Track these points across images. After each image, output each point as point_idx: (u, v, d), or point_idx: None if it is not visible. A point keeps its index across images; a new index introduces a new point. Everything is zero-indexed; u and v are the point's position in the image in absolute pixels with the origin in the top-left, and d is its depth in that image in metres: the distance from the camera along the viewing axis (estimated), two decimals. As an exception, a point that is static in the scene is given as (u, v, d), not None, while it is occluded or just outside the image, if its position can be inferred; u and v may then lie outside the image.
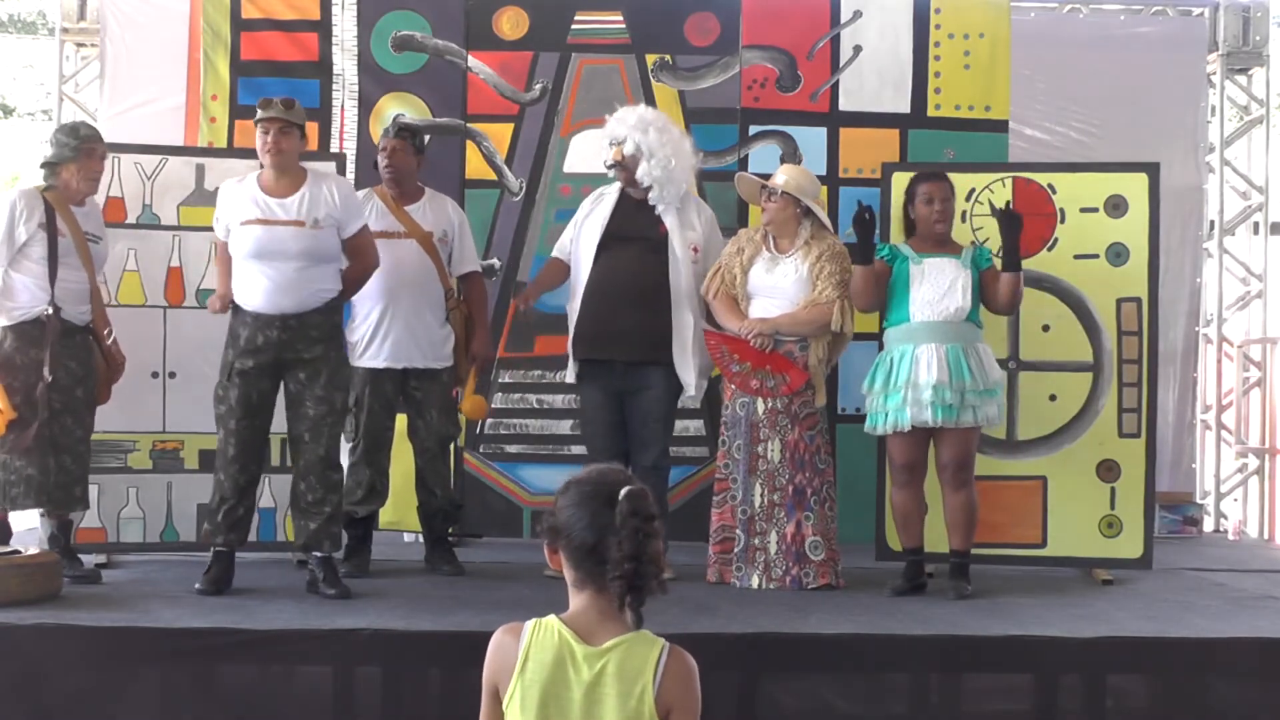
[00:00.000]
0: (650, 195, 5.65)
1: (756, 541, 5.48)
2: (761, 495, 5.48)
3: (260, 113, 5.13)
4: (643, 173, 5.62)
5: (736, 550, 5.50)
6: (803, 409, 5.50)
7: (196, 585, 5.12)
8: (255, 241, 5.08)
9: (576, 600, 2.44)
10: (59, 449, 5.21)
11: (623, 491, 2.37)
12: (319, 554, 5.19)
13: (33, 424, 5.09)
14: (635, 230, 5.65)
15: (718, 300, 5.62)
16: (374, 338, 5.61)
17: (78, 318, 5.29)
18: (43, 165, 5.28)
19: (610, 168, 5.72)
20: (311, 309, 5.11)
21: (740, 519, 5.50)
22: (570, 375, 5.78)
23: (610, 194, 5.77)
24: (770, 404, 5.48)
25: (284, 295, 5.06)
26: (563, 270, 5.85)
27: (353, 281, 5.34)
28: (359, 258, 5.30)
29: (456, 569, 5.70)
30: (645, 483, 2.47)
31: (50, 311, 5.16)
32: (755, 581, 5.45)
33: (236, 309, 5.15)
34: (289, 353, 5.10)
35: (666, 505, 5.80)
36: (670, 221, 5.66)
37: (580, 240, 5.76)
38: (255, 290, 5.08)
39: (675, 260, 5.63)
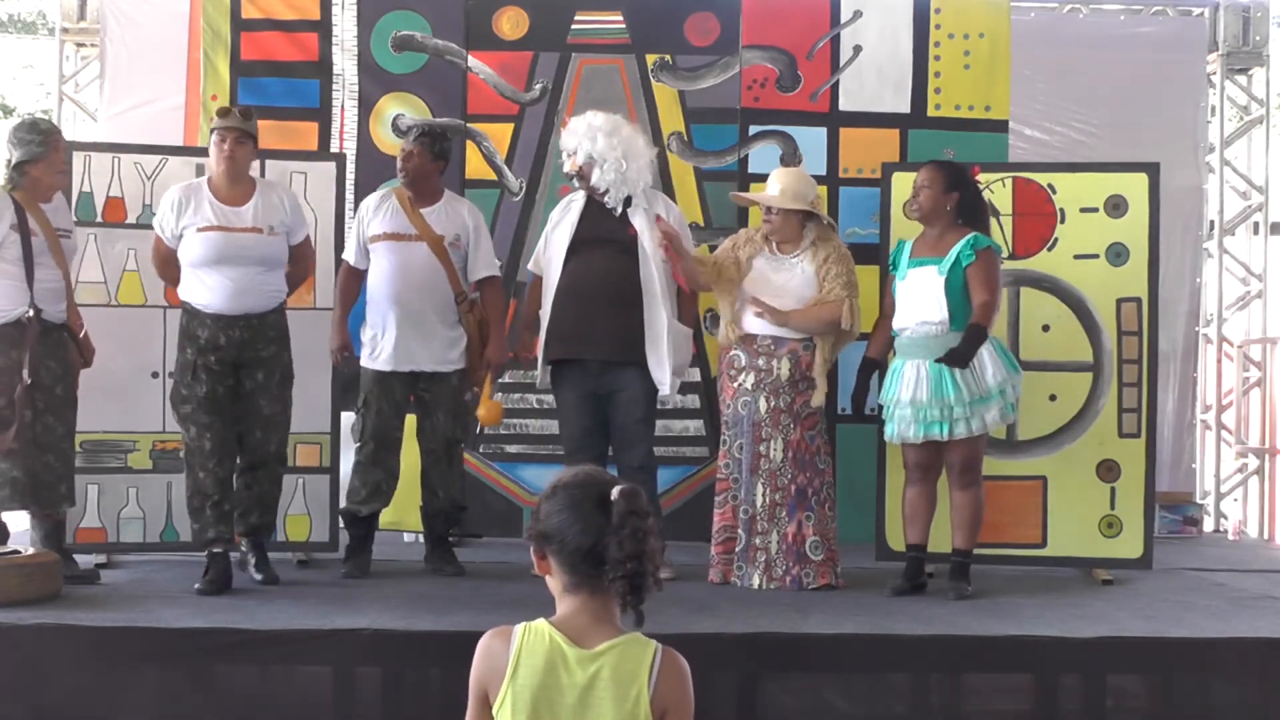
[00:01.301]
0: (606, 199, 5.66)
1: (758, 541, 5.47)
2: (763, 495, 5.47)
3: (218, 120, 5.32)
4: (597, 179, 5.63)
5: (738, 549, 5.49)
6: (804, 408, 5.50)
7: (196, 586, 5.14)
8: (216, 247, 5.26)
9: (566, 604, 2.42)
10: (43, 448, 5.20)
11: (615, 491, 2.36)
12: (256, 539, 5.40)
13: (12, 425, 5.07)
14: (605, 233, 5.64)
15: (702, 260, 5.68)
16: (381, 340, 5.63)
17: (55, 316, 5.27)
18: (14, 167, 5.22)
19: (571, 178, 5.77)
20: (269, 310, 5.35)
21: (742, 518, 5.49)
22: (543, 378, 5.77)
23: (578, 200, 5.77)
24: (773, 403, 5.48)
25: (246, 297, 5.28)
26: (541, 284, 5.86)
27: (293, 285, 5.54)
28: (300, 263, 5.56)
29: (457, 569, 5.70)
30: (633, 483, 2.46)
31: (31, 314, 5.15)
32: (756, 581, 5.44)
33: (191, 310, 5.30)
34: (249, 351, 5.30)
35: (659, 505, 5.79)
36: (639, 222, 5.65)
37: (550, 246, 5.76)
38: (217, 293, 5.26)
39: (646, 260, 5.62)
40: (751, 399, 5.51)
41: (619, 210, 5.67)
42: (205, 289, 5.27)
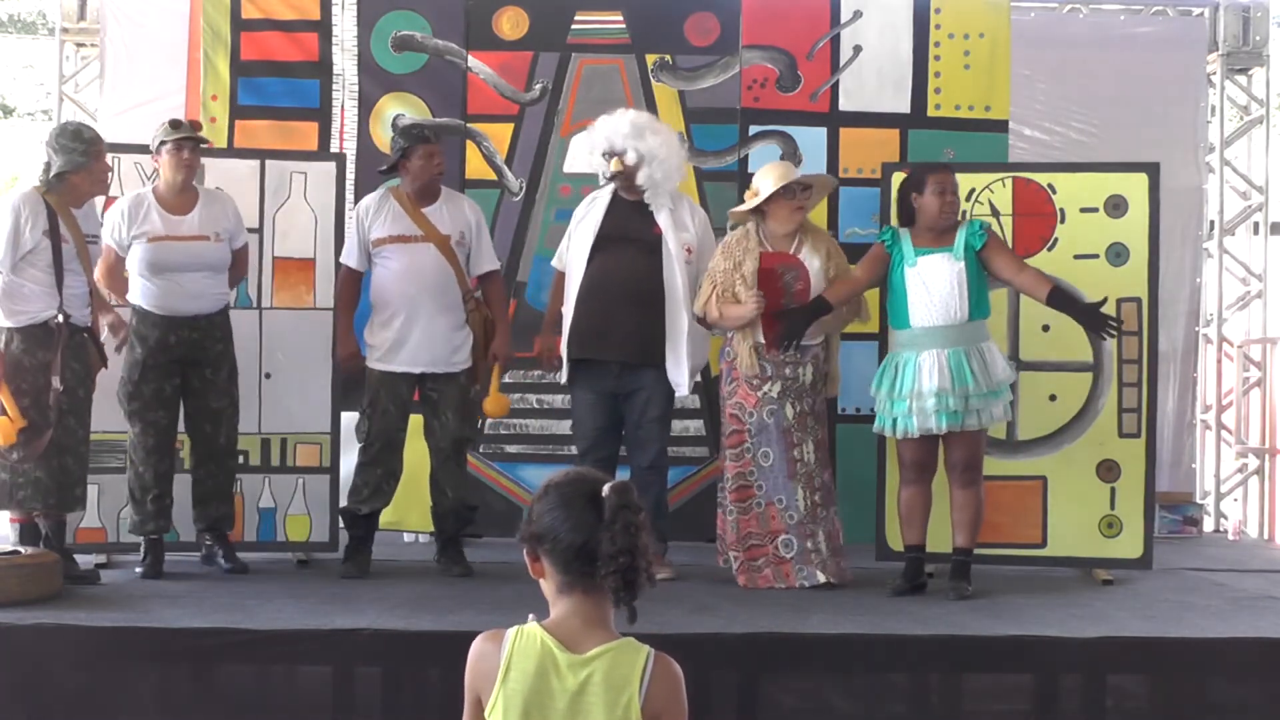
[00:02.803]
0: (646, 196, 5.64)
1: (809, 544, 5.45)
2: (804, 497, 5.46)
3: (174, 133, 5.48)
4: (643, 178, 5.61)
5: (792, 555, 5.44)
6: (820, 407, 5.57)
7: (138, 569, 5.50)
8: (167, 255, 5.49)
9: (560, 606, 2.41)
10: (62, 450, 5.23)
11: (607, 487, 2.35)
12: (217, 532, 5.66)
13: (45, 431, 5.12)
14: (630, 231, 5.63)
15: (714, 305, 5.50)
16: (392, 343, 5.61)
17: (81, 321, 5.33)
18: (55, 176, 5.25)
19: (611, 179, 5.67)
20: (216, 311, 5.59)
21: (789, 524, 5.45)
22: (563, 375, 5.75)
23: (603, 196, 5.75)
24: (799, 407, 5.47)
25: (195, 301, 5.52)
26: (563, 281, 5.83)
27: (232, 285, 5.77)
28: (238, 267, 5.76)
29: (466, 570, 5.69)
30: (645, 483, 2.46)
31: (60, 319, 5.19)
32: (821, 577, 5.42)
33: (143, 312, 5.52)
34: (197, 351, 5.54)
35: (666, 506, 5.78)
36: (664, 222, 5.64)
37: (573, 243, 5.74)
38: (170, 296, 5.50)
39: (670, 260, 5.62)
40: (778, 406, 5.48)
41: (651, 208, 5.63)
42: (156, 292, 5.50)
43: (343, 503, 5.83)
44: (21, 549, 5.07)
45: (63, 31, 7.84)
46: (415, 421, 5.79)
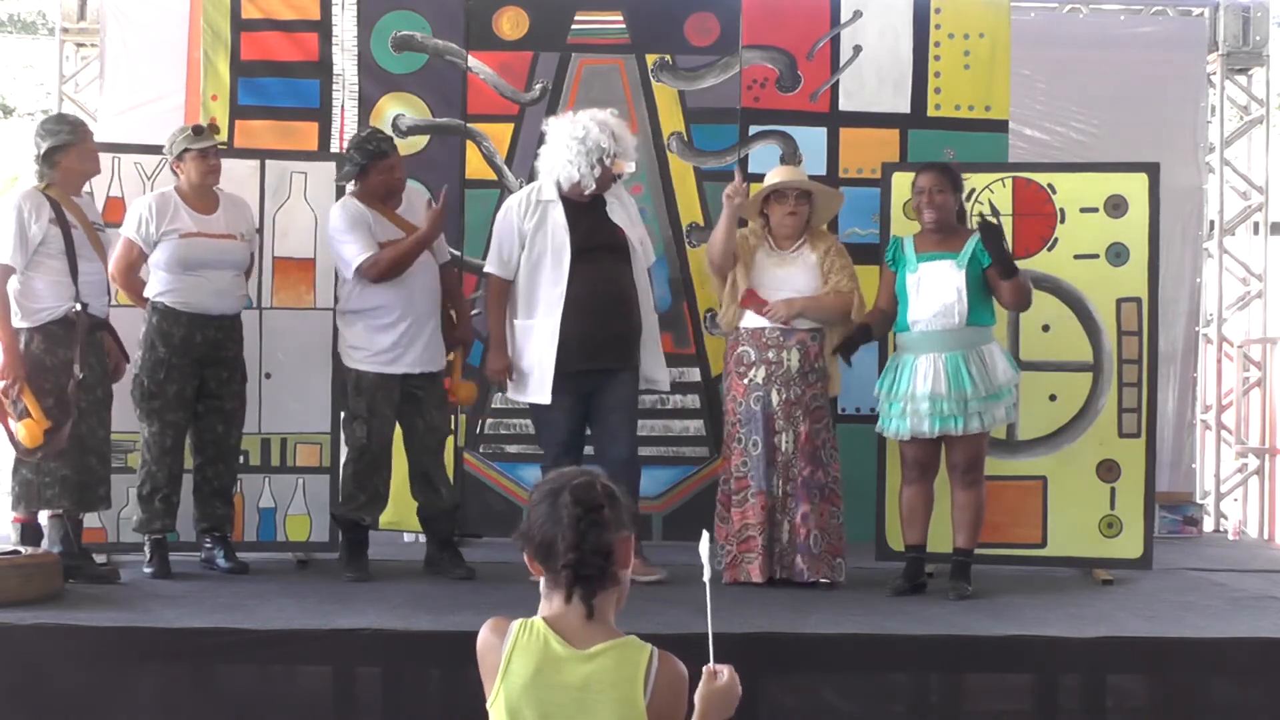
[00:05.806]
0: (611, 189, 5.61)
1: (772, 533, 5.47)
2: (778, 486, 5.48)
3: (200, 140, 5.50)
4: (627, 169, 5.64)
5: (762, 544, 5.45)
6: (813, 401, 5.52)
7: (148, 570, 5.47)
8: (199, 252, 5.48)
9: (557, 603, 2.42)
10: (86, 450, 5.25)
11: (570, 484, 2.38)
12: (219, 533, 5.65)
13: (65, 424, 5.12)
14: (599, 239, 5.55)
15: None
16: (398, 345, 5.56)
17: (100, 310, 5.36)
18: (43, 157, 5.28)
19: (610, 182, 5.60)
20: (238, 312, 5.65)
21: (763, 513, 5.47)
22: (545, 395, 5.53)
23: (550, 202, 5.58)
24: (784, 395, 5.48)
25: (222, 300, 5.54)
26: (509, 290, 5.67)
27: None
28: (248, 272, 5.79)
29: (468, 571, 5.65)
30: (624, 477, 2.47)
31: (78, 308, 5.20)
32: (777, 572, 5.43)
33: (166, 310, 5.46)
34: (220, 350, 5.55)
35: (635, 500, 5.66)
36: (621, 219, 5.61)
37: (540, 255, 5.56)
38: (199, 294, 5.48)
39: (637, 259, 5.64)
40: (764, 392, 5.50)
41: (608, 205, 5.60)
42: (184, 290, 5.46)
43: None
44: (21, 549, 5.07)
45: (63, 31, 7.85)
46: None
